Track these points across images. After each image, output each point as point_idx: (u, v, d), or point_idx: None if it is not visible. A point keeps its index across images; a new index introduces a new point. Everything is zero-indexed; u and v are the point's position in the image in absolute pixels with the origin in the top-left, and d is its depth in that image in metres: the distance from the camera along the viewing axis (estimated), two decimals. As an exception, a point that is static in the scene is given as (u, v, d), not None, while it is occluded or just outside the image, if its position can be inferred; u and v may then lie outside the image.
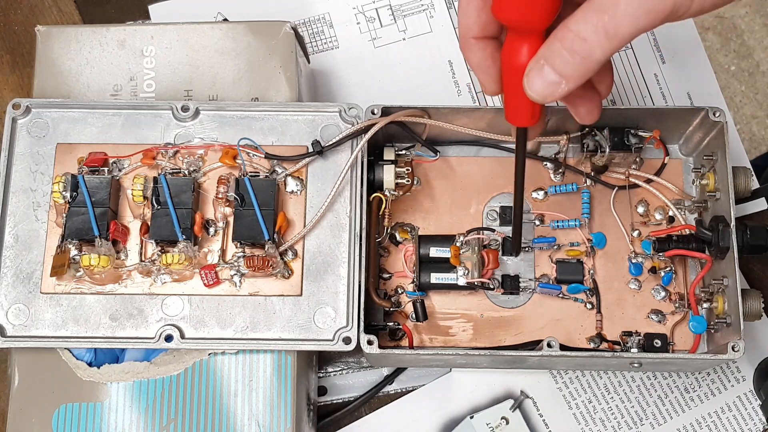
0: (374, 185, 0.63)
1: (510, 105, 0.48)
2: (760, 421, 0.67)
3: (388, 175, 0.63)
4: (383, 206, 0.63)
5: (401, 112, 0.61)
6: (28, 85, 0.74)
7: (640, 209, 0.65)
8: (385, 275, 0.64)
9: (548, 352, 0.58)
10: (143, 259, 0.60)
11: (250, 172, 0.61)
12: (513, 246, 0.61)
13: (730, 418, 0.67)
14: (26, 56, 0.74)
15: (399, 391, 0.67)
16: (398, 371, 0.67)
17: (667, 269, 0.63)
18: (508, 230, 0.64)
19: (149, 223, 0.59)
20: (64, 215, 0.59)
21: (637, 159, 0.65)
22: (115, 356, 0.60)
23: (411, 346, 0.62)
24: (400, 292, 0.64)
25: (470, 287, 0.62)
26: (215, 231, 0.61)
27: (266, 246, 0.59)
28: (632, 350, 0.61)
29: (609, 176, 0.65)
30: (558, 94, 0.44)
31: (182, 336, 0.58)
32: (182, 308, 0.59)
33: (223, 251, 0.60)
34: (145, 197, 0.60)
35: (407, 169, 0.64)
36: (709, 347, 0.63)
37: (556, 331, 0.63)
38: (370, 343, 0.58)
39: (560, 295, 0.64)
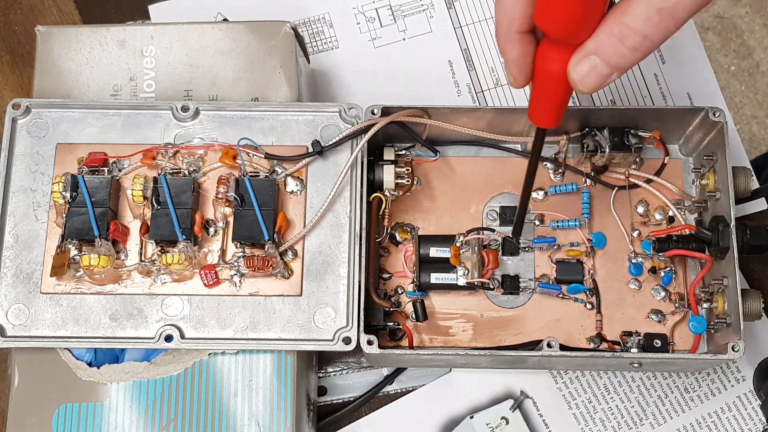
0: (374, 185, 0.63)
1: (538, 107, 0.48)
2: (760, 421, 0.66)
3: (388, 175, 0.63)
4: (383, 206, 0.63)
5: (401, 112, 0.61)
6: (28, 85, 0.73)
7: (640, 209, 0.65)
8: (385, 275, 0.64)
9: (548, 352, 0.58)
10: (143, 259, 0.60)
11: (250, 172, 0.61)
12: (514, 231, 0.61)
13: (730, 418, 0.67)
14: (26, 56, 0.74)
15: (399, 391, 0.67)
16: (398, 371, 0.67)
17: (667, 269, 0.63)
18: (508, 230, 0.64)
19: (149, 223, 0.59)
20: (64, 215, 0.59)
21: (637, 159, 0.65)
22: (115, 356, 0.60)
23: (411, 346, 0.62)
24: (400, 292, 0.64)
25: (470, 287, 0.62)
26: (215, 231, 0.61)
27: (266, 246, 0.58)
28: (632, 350, 0.61)
29: (609, 176, 0.65)
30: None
31: (182, 336, 0.58)
32: (182, 308, 0.59)
33: (223, 251, 0.60)
34: (145, 197, 0.60)
35: (407, 169, 0.64)
36: (709, 347, 0.63)
37: (556, 331, 0.63)
38: (370, 343, 0.58)
39: (560, 295, 0.64)
